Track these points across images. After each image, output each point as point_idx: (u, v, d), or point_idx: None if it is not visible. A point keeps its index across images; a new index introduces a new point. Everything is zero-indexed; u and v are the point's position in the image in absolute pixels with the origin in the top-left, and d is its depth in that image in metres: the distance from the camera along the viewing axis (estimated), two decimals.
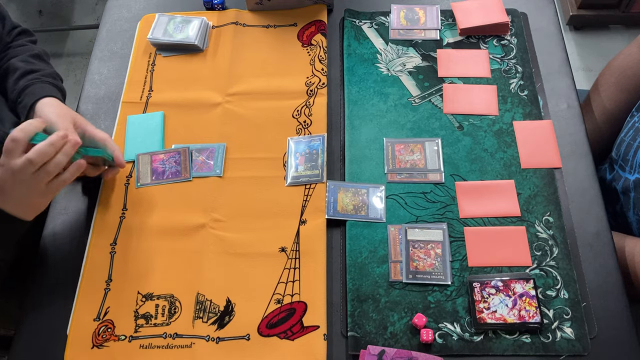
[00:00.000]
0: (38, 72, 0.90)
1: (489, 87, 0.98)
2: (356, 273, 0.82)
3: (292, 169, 0.91)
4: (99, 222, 0.88)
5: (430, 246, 0.83)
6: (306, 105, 0.97)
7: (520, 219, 0.85)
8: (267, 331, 0.78)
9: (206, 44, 1.06)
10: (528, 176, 0.89)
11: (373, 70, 1.01)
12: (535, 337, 0.76)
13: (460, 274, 0.81)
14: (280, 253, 0.84)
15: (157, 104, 1.00)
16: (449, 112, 0.96)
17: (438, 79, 0.99)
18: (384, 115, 0.96)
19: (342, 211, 0.87)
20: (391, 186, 0.89)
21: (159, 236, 0.86)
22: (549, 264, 0.82)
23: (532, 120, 0.94)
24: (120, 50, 1.08)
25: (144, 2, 1.14)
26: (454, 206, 0.87)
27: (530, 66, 1.00)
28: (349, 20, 1.07)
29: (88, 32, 2.25)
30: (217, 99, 0.99)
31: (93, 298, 0.82)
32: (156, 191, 0.90)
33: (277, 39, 1.06)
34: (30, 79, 0.88)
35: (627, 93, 1.02)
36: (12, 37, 0.97)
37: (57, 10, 2.33)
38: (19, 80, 0.88)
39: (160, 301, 0.81)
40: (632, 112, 0.96)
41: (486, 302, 0.78)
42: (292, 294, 0.80)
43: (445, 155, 0.91)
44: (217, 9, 1.10)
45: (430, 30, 1.05)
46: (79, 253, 0.86)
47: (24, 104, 0.86)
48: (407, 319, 0.78)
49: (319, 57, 1.02)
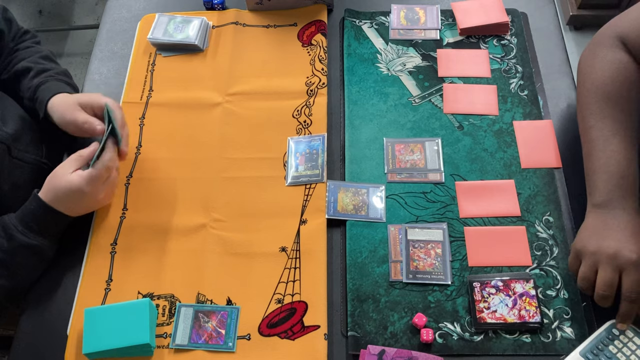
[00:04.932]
0: (51, 71, 0.94)
1: (489, 87, 0.98)
2: (356, 273, 0.82)
3: (292, 169, 0.91)
4: (99, 222, 0.88)
5: (430, 246, 0.83)
6: (306, 105, 0.97)
7: (520, 218, 0.85)
8: (268, 331, 0.78)
9: (206, 44, 1.06)
10: (528, 176, 0.89)
11: (373, 70, 1.01)
12: (536, 337, 0.76)
13: (461, 274, 0.81)
14: (281, 253, 0.84)
15: (157, 104, 1.00)
16: (449, 112, 0.96)
17: (438, 78, 0.99)
18: (384, 115, 0.96)
19: (343, 211, 0.87)
20: (391, 186, 0.89)
21: (160, 236, 0.86)
22: (549, 263, 0.82)
23: (532, 120, 0.94)
24: (121, 50, 1.08)
25: (144, 2, 1.14)
26: (454, 206, 0.87)
27: (530, 66, 1.00)
28: (349, 20, 1.07)
29: (88, 32, 2.25)
30: (217, 99, 0.99)
31: (93, 298, 0.82)
32: (156, 191, 0.90)
33: (277, 39, 1.06)
34: (44, 77, 0.92)
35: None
36: (17, 39, 0.98)
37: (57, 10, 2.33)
38: (33, 79, 0.92)
39: (160, 301, 0.81)
40: None
41: (486, 301, 0.78)
42: (293, 293, 0.80)
43: (446, 155, 0.91)
44: (217, 9, 1.10)
45: (430, 30, 1.05)
46: (79, 253, 0.86)
47: (39, 100, 0.90)
48: (407, 319, 0.78)
49: (319, 57, 1.02)
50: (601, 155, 0.77)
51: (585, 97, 0.82)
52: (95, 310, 0.77)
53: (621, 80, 0.79)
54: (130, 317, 0.76)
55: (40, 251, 0.81)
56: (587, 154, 0.80)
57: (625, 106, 0.79)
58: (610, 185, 0.76)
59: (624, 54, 0.81)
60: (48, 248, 0.82)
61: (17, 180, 0.87)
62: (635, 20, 0.80)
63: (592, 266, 0.73)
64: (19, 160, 0.88)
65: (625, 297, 0.71)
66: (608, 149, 0.77)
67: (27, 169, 0.90)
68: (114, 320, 0.76)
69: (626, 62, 0.80)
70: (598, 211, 0.76)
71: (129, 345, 0.74)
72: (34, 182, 0.90)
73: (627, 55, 0.81)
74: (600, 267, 0.73)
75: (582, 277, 0.74)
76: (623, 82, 0.79)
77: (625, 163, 0.76)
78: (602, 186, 0.76)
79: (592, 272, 0.73)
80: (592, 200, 0.78)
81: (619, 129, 0.78)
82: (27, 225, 0.79)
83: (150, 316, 0.77)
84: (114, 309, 0.77)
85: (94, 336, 0.75)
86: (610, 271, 0.72)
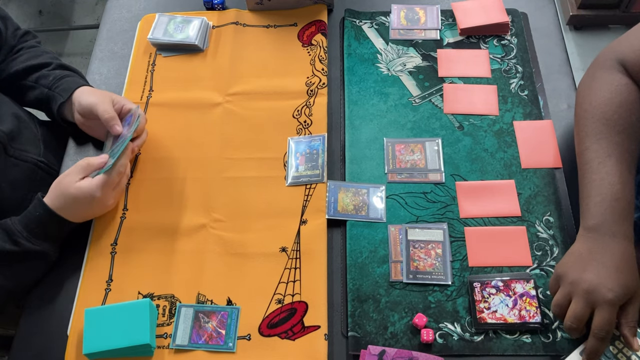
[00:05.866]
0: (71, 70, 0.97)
1: (489, 87, 0.98)
2: (356, 273, 0.82)
3: (292, 169, 0.91)
4: (99, 222, 0.88)
5: (430, 246, 0.83)
6: (306, 105, 0.97)
7: (520, 219, 0.85)
8: (268, 331, 0.78)
9: (206, 44, 1.06)
10: (528, 176, 0.89)
11: (373, 70, 1.01)
12: (536, 337, 0.76)
13: (461, 274, 0.81)
14: (281, 253, 0.84)
15: (157, 104, 1.00)
16: (449, 112, 0.96)
17: (438, 78, 0.99)
18: (384, 115, 0.96)
19: (343, 211, 0.87)
20: (391, 186, 0.89)
21: (160, 236, 0.86)
22: (550, 264, 0.82)
23: (532, 120, 0.94)
24: (121, 50, 1.08)
25: (144, 2, 1.14)
26: (454, 206, 0.87)
27: (530, 66, 1.00)
28: (349, 20, 1.07)
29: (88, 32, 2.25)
30: (218, 99, 0.99)
31: (93, 298, 0.82)
32: (157, 191, 0.90)
33: (277, 39, 1.06)
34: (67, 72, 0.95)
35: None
36: (17, 38, 0.98)
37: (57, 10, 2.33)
38: (55, 69, 0.95)
39: (160, 301, 0.81)
40: None
41: (486, 302, 0.78)
42: (293, 293, 0.80)
43: (446, 155, 0.91)
44: (217, 9, 1.10)
45: (430, 30, 1.05)
46: (80, 253, 0.86)
47: (63, 87, 0.92)
48: (408, 319, 0.78)
49: (319, 57, 1.02)
50: (595, 177, 0.75)
51: (583, 118, 0.80)
52: (96, 311, 0.77)
53: (619, 102, 0.77)
54: (131, 318, 0.76)
55: (45, 256, 0.82)
56: (581, 176, 0.78)
57: (623, 128, 0.76)
58: (602, 208, 0.73)
59: (623, 77, 0.79)
60: (52, 252, 0.83)
61: (14, 178, 0.88)
62: (635, 44, 0.79)
63: (566, 295, 0.72)
64: (15, 158, 0.88)
65: (593, 334, 0.69)
66: (602, 170, 0.75)
67: (24, 167, 0.90)
68: (114, 321, 0.76)
69: (625, 84, 0.78)
70: (588, 236, 0.74)
71: (129, 345, 0.74)
72: (31, 181, 0.90)
73: (627, 77, 0.79)
74: (574, 299, 0.71)
75: (555, 303, 0.73)
76: (621, 104, 0.77)
77: (619, 185, 0.73)
78: (594, 209, 0.74)
79: (565, 301, 0.72)
80: (583, 224, 0.75)
81: (614, 150, 0.75)
82: (32, 232, 0.79)
83: (151, 316, 0.76)
84: (114, 309, 0.77)
85: (94, 336, 0.75)
86: (583, 305, 0.69)
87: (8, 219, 0.80)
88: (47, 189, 0.82)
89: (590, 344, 0.70)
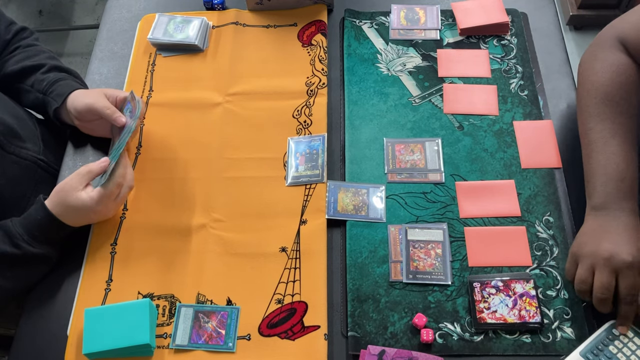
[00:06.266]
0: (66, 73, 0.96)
1: (489, 87, 0.98)
2: (356, 273, 0.82)
3: (292, 169, 0.91)
4: (99, 222, 0.88)
5: (430, 246, 0.83)
6: (306, 105, 0.97)
7: (520, 219, 0.85)
8: (268, 331, 0.78)
9: (206, 44, 1.06)
10: (528, 176, 0.89)
11: (373, 70, 1.01)
12: (536, 337, 0.76)
13: (461, 274, 0.81)
14: (281, 253, 0.84)
15: (157, 104, 1.00)
16: (449, 112, 0.96)
17: (438, 78, 0.99)
18: (384, 115, 0.96)
19: (343, 211, 0.87)
20: (391, 186, 0.89)
21: (160, 236, 0.86)
22: (549, 264, 0.82)
23: (532, 120, 0.94)
24: (121, 50, 1.08)
25: (144, 2, 1.14)
26: (454, 206, 0.87)
27: (530, 66, 1.00)
28: (349, 20, 1.07)
29: (88, 32, 2.25)
30: (218, 99, 0.99)
31: (93, 298, 0.82)
32: (157, 191, 0.90)
33: (277, 39, 1.06)
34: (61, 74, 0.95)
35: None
36: (12, 34, 0.97)
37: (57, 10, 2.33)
38: (49, 72, 0.94)
39: (160, 301, 0.81)
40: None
41: (486, 302, 0.78)
42: (293, 293, 0.80)
43: (446, 155, 0.91)
44: (217, 9, 1.10)
45: (430, 30, 1.05)
46: (79, 253, 0.86)
47: (57, 92, 0.91)
48: (408, 319, 0.78)
49: (319, 57, 1.02)
50: (600, 157, 0.77)
51: (585, 99, 0.81)
52: (96, 311, 0.77)
53: (621, 82, 0.79)
54: (131, 318, 0.76)
55: (45, 258, 0.82)
56: (586, 156, 0.80)
57: (625, 108, 0.78)
58: (608, 188, 0.75)
59: (624, 56, 0.81)
60: (53, 255, 0.83)
61: (13, 176, 0.87)
62: (636, 23, 0.80)
63: (589, 269, 0.73)
64: (15, 155, 0.88)
65: (622, 300, 0.72)
66: (607, 150, 0.77)
67: (23, 165, 0.90)
68: (114, 321, 0.76)
69: (626, 64, 0.80)
70: (596, 214, 0.76)
71: (129, 345, 0.74)
72: (31, 180, 0.90)
73: (627, 57, 0.81)
74: (597, 270, 0.73)
75: (579, 279, 0.74)
76: (623, 84, 0.79)
77: (624, 165, 0.76)
78: (601, 188, 0.76)
79: (589, 275, 0.73)
80: (590, 203, 0.78)
81: (618, 130, 0.77)
82: (33, 235, 0.79)
83: (151, 316, 0.77)
84: (114, 309, 0.77)
85: (94, 336, 0.75)
86: (607, 273, 0.72)
87: (9, 220, 0.80)
88: (47, 188, 0.82)
89: (622, 311, 0.73)
